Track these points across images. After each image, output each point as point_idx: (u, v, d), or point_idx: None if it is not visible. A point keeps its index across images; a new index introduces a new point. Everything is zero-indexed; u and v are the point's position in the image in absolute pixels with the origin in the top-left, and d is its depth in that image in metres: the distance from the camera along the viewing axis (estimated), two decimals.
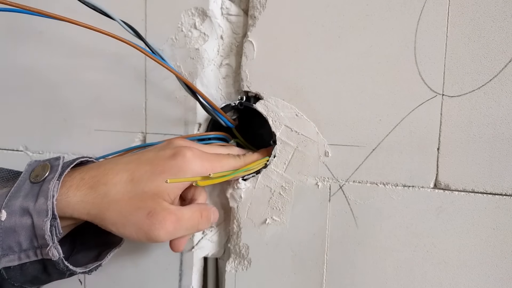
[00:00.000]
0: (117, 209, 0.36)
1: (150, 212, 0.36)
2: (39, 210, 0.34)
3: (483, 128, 0.39)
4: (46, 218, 0.34)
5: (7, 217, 0.34)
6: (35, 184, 0.36)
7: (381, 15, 0.41)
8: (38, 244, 0.34)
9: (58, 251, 0.34)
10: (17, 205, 0.35)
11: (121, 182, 0.37)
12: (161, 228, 0.36)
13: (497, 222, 0.39)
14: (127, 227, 0.36)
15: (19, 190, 0.36)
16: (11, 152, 0.55)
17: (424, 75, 0.40)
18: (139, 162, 0.39)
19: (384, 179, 0.42)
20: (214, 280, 0.52)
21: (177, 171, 0.37)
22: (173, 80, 0.45)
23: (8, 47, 0.54)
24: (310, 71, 0.43)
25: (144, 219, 0.36)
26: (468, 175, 0.40)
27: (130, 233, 0.36)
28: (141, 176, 0.37)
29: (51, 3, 0.47)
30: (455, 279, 0.41)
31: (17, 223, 0.34)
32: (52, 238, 0.34)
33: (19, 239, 0.34)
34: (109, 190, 0.36)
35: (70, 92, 0.52)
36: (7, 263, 0.34)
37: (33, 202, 0.35)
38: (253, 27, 0.45)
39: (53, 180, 0.36)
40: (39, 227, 0.34)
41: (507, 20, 0.38)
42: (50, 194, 0.35)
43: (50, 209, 0.34)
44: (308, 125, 0.44)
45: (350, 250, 0.43)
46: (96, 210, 0.36)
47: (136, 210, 0.36)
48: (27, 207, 0.34)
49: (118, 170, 0.38)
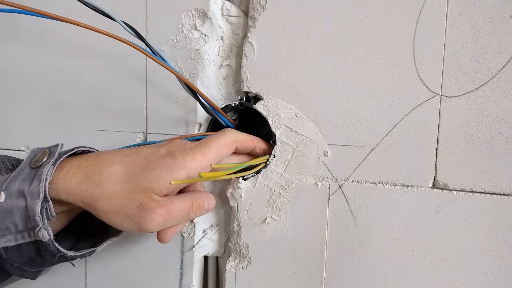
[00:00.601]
0: (109, 199, 0.37)
1: (141, 205, 0.37)
2: (32, 192, 0.35)
3: (481, 128, 0.39)
4: (38, 200, 0.35)
5: (5, 199, 0.35)
6: (33, 169, 0.37)
7: (380, 16, 0.41)
8: (31, 226, 0.35)
9: (49, 232, 0.35)
10: (15, 188, 0.36)
11: (116, 173, 0.38)
12: (152, 220, 0.37)
13: (496, 222, 0.39)
14: (118, 217, 0.37)
15: (19, 174, 0.37)
16: (12, 152, 0.55)
17: (423, 75, 0.40)
18: (136, 157, 0.39)
19: (383, 179, 0.42)
20: (214, 279, 0.53)
21: (171, 168, 0.38)
22: (174, 81, 0.46)
23: (9, 47, 0.54)
24: (309, 71, 0.44)
25: (135, 211, 0.36)
26: (466, 175, 0.40)
27: (121, 224, 0.37)
28: (135, 170, 0.38)
29: (51, 4, 0.47)
30: (454, 278, 0.41)
31: (13, 205, 0.35)
32: (43, 219, 0.35)
33: (15, 220, 0.35)
34: (103, 179, 0.37)
35: (71, 92, 0.52)
36: (5, 243, 0.36)
37: (28, 185, 0.36)
38: (253, 28, 0.45)
39: (48, 164, 0.37)
40: (31, 209, 0.35)
41: (505, 21, 0.38)
42: (43, 177, 0.36)
43: (42, 191, 0.35)
44: (307, 125, 0.44)
45: (349, 249, 0.44)
46: (89, 199, 0.37)
47: (127, 202, 0.37)
48: (23, 189, 0.36)
49: (114, 161, 0.38)
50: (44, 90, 0.53)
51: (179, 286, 0.50)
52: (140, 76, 0.49)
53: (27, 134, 0.55)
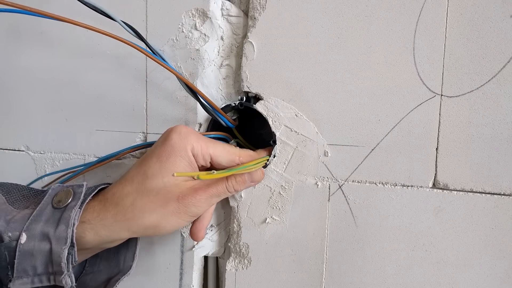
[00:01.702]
0: (147, 212, 0.37)
1: (179, 196, 0.37)
2: (58, 237, 0.34)
3: (481, 128, 0.39)
4: (65, 245, 0.34)
5: (26, 240, 0.34)
6: (57, 210, 0.36)
7: (380, 16, 0.41)
8: (53, 270, 0.35)
9: (71, 279, 0.35)
10: (38, 230, 0.35)
11: (132, 189, 0.38)
12: (197, 202, 0.37)
13: (496, 222, 0.39)
14: (168, 219, 0.37)
15: (41, 214, 0.36)
16: (12, 152, 0.55)
17: (423, 75, 0.40)
18: (143, 163, 0.39)
19: (383, 179, 0.42)
20: (214, 279, 0.53)
21: (171, 151, 0.38)
22: (174, 81, 0.46)
23: (9, 47, 0.54)
24: (309, 71, 0.44)
25: (177, 204, 0.37)
26: (466, 175, 0.40)
27: (172, 224, 0.37)
28: (152, 171, 0.38)
29: (51, 4, 0.47)
30: (454, 278, 0.41)
31: (36, 248, 0.34)
32: (68, 266, 0.34)
33: (35, 263, 0.34)
34: (130, 201, 0.37)
35: (71, 92, 0.52)
36: (20, 286, 0.35)
37: (54, 228, 0.35)
38: (253, 28, 0.45)
39: (75, 208, 0.36)
40: (57, 254, 0.34)
41: (505, 20, 0.38)
42: (71, 222, 0.35)
43: (70, 237, 0.34)
44: (307, 125, 0.44)
45: (349, 249, 0.44)
46: (130, 224, 0.37)
47: (165, 201, 0.37)
48: (48, 232, 0.35)
49: (125, 184, 0.38)
50: (44, 90, 0.53)
51: (179, 286, 0.50)
52: (140, 76, 0.49)
53: (27, 134, 0.55)
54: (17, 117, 0.55)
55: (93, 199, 0.38)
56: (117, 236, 0.37)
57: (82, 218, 0.36)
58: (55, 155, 0.54)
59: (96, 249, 0.39)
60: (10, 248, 0.34)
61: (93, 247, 0.38)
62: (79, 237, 0.36)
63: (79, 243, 0.36)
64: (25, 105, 0.54)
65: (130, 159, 0.51)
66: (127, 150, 0.47)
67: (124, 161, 0.51)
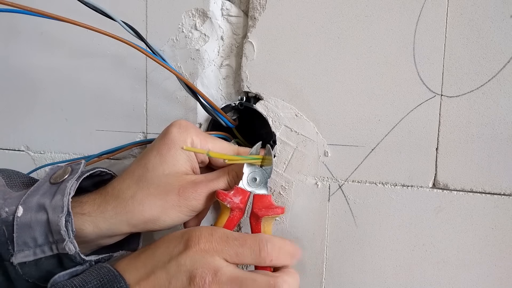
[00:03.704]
0: (148, 205, 0.37)
1: (180, 189, 0.37)
2: (54, 206, 0.35)
3: (481, 128, 0.39)
4: (61, 213, 0.34)
5: (23, 213, 0.35)
6: (54, 185, 0.37)
7: (380, 16, 0.41)
8: (54, 239, 0.35)
9: (74, 245, 0.34)
10: (34, 202, 0.35)
11: (132, 182, 0.38)
12: (197, 195, 0.37)
13: (496, 222, 0.39)
14: (168, 213, 0.37)
15: (38, 189, 0.37)
16: (12, 152, 0.55)
17: (423, 75, 0.40)
18: (141, 157, 0.40)
19: (383, 179, 0.42)
20: None
21: (171, 144, 0.38)
22: (174, 81, 0.46)
23: (9, 47, 0.54)
24: (309, 71, 0.44)
25: (177, 197, 0.37)
26: (466, 175, 0.40)
27: (173, 218, 0.37)
28: (153, 165, 0.38)
29: (51, 4, 0.47)
30: (454, 278, 0.41)
31: (33, 219, 0.34)
32: (68, 233, 0.34)
33: (34, 235, 0.35)
34: (130, 194, 0.37)
35: (71, 92, 0.52)
36: (22, 259, 0.35)
37: (50, 199, 0.35)
38: (253, 28, 0.45)
39: (72, 180, 0.36)
40: (55, 223, 0.34)
41: (505, 20, 0.38)
42: (67, 191, 0.35)
43: (66, 205, 0.35)
44: (307, 125, 0.44)
45: (349, 249, 0.44)
46: (125, 221, 0.37)
47: (165, 193, 0.37)
48: (43, 203, 0.35)
49: (125, 178, 0.39)
50: (44, 90, 0.53)
51: None
52: (140, 76, 0.49)
53: (27, 134, 0.55)
54: (17, 117, 0.55)
55: (93, 193, 0.39)
56: (117, 229, 0.37)
57: (82, 211, 0.36)
58: (55, 155, 0.54)
59: (95, 244, 0.39)
60: (7, 222, 0.34)
61: (91, 240, 0.38)
62: (79, 229, 0.36)
63: (78, 235, 0.36)
64: (25, 105, 0.54)
65: (130, 159, 0.51)
66: (127, 146, 0.48)
67: (124, 160, 0.51)
